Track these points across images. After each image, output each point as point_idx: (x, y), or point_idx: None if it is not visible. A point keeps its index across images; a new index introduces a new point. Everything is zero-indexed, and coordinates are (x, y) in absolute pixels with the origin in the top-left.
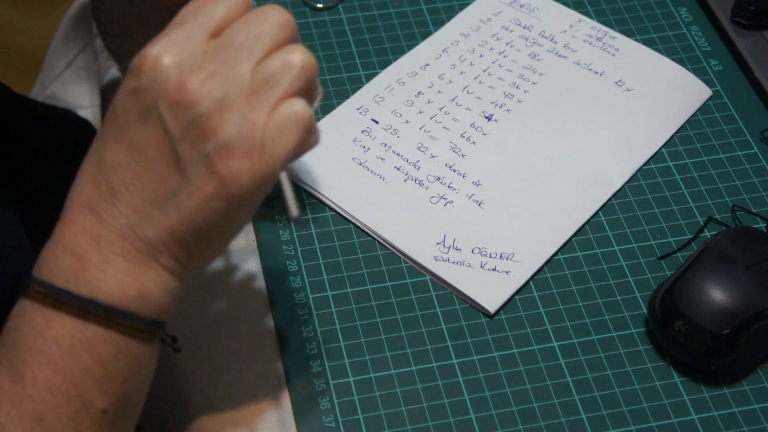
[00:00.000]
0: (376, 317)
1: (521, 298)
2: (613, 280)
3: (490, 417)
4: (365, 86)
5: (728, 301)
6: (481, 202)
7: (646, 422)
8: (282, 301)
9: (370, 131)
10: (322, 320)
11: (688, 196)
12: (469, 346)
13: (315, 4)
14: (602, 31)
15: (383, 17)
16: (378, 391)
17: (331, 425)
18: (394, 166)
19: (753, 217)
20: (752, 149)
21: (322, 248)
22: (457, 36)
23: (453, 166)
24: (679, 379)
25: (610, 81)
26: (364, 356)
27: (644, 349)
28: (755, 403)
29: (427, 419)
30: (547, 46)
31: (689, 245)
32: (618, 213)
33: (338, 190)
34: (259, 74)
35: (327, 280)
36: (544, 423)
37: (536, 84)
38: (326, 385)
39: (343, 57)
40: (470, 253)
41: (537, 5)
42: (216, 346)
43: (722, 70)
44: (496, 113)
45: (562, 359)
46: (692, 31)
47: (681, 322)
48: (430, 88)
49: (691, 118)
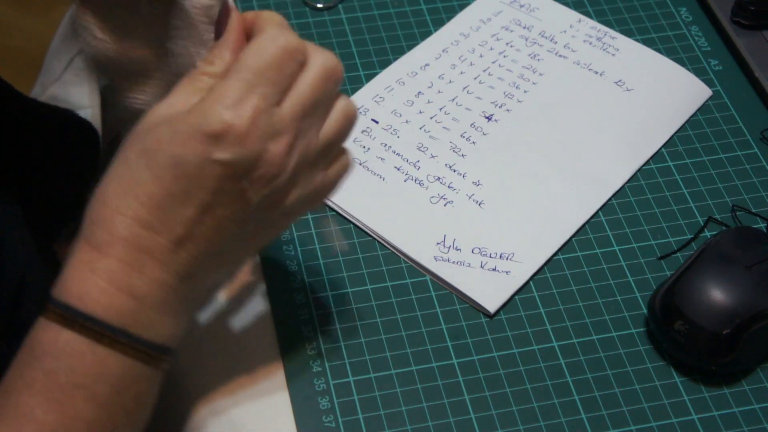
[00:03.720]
0: (376, 317)
1: (521, 298)
2: (613, 280)
3: (490, 417)
4: (365, 86)
5: (728, 301)
6: (481, 202)
7: (646, 422)
8: (282, 300)
9: (370, 131)
10: (322, 320)
11: (688, 196)
12: (469, 346)
13: (315, 4)
14: (602, 31)
15: (383, 17)
16: (378, 391)
17: (331, 425)
18: (394, 166)
19: (753, 217)
20: (752, 149)
21: (322, 248)
22: (457, 36)
23: (453, 166)
24: (679, 379)
25: (610, 81)
26: (364, 356)
27: (644, 349)
28: (755, 403)
29: (427, 419)
30: (547, 46)
31: (689, 245)
32: (618, 213)
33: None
34: (323, 138)
35: (327, 280)
36: (544, 423)
37: (536, 84)
38: (326, 385)
39: (343, 57)
40: (470, 253)
41: (537, 5)
42: (216, 346)
43: (722, 70)
44: (496, 113)
45: (562, 359)
46: (692, 31)
47: (681, 322)
48: (430, 88)
49: (691, 118)
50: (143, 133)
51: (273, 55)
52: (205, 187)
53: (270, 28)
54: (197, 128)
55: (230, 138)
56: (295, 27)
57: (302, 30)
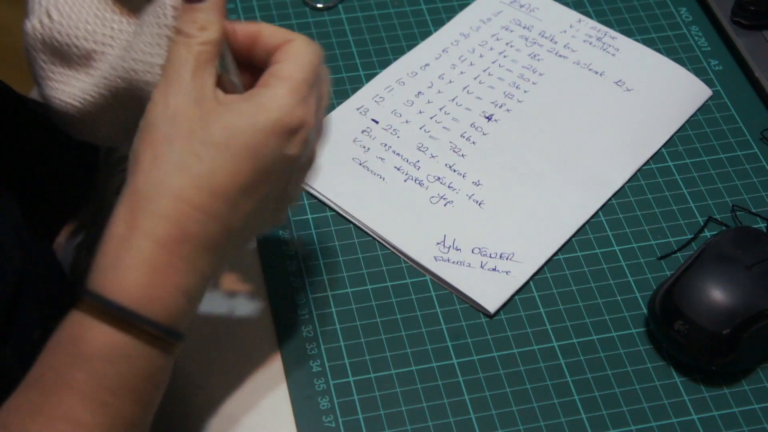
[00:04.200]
0: (376, 317)
1: (521, 298)
2: (613, 280)
3: (490, 417)
4: (365, 86)
5: (728, 301)
6: (481, 202)
7: (646, 422)
8: (282, 301)
9: (370, 131)
10: (322, 320)
11: (688, 196)
12: (469, 346)
13: (315, 4)
14: (602, 31)
15: (383, 17)
16: (378, 391)
17: (331, 425)
18: (394, 166)
19: (753, 217)
20: (752, 149)
21: (322, 248)
22: (457, 36)
23: (453, 166)
24: (679, 379)
25: (610, 81)
26: (364, 356)
27: (644, 349)
28: (755, 403)
29: (427, 419)
30: (547, 46)
31: (689, 245)
32: (618, 213)
33: (338, 190)
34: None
35: (327, 280)
36: (544, 423)
37: (536, 84)
38: (326, 385)
39: (343, 57)
40: (470, 253)
41: (537, 5)
42: (216, 346)
43: (722, 70)
44: (496, 113)
45: (562, 359)
46: (692, 31)
47: (681, 322)
48: (430, 88)
49: (691, 118)
50: (182, 119)
51: (318, 56)
52: (270, 181)
53: (295, 35)
54: (278, 122)
55: (302, 133)
56: (295, 27)
57: (302, 30)
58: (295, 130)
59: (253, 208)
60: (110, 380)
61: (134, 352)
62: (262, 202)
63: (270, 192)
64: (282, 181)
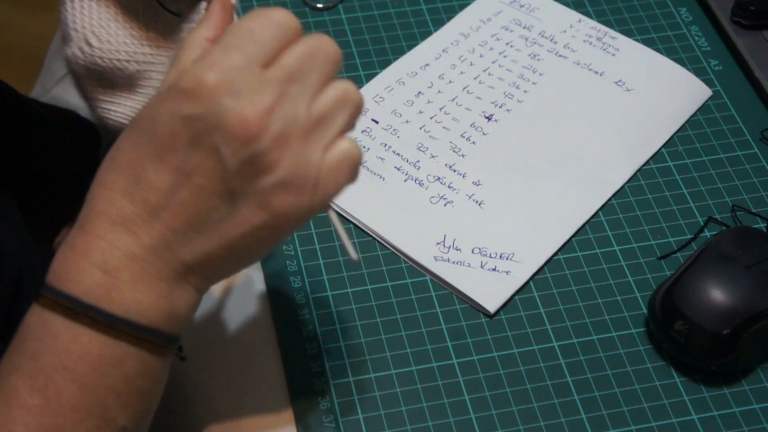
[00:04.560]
0: (376, 317)
1: (521, 298)
2: (613, 280)
3: (490, 417)
4: (365, 86)
5: (728, 301)
6: (481, 202)
7: (646, 422)
8: (282, 301)
9: (370, 131)
10: (322, 320)
11: (688, 196)
12: (469, 346)
13: (315, 4)
14: (602, 31)
15: (383, 17)
16: (378, 391)
17: (331, 425)
18: (394, 166)
19: (753, 217)
20: (752, 149)
21: (322, 248)
22: (457, 36)
23: (453, 166)
24: (679, 379)
25: (610, 81)
26: (364, 356)
27: (644, 349)
28: (755, 403)
29: (427, 419)
30: (547, 46)
31: (689, 245)
32: (618, 213)
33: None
34: (315, 111)
35: (327, 280)
36: (544, 423)
37: (536, 84)
38: (326, 385)
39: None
40: (470, 253)
41: (537, 5)
42: (216, 346)
43: (722, 70)
44: (496, 113)
45: (562, 359)
46: (692, 31)
47: (681, 322)
48: (430, 88)
49: (691, 118)
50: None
51: (259, 22)
52: (176, 148)
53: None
54: (171, 86)
55: (202, 93)
56: None
57: None
58: (190, 90)
59: (171, 182)
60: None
61: (57, 327)
62: (188, 179)
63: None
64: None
